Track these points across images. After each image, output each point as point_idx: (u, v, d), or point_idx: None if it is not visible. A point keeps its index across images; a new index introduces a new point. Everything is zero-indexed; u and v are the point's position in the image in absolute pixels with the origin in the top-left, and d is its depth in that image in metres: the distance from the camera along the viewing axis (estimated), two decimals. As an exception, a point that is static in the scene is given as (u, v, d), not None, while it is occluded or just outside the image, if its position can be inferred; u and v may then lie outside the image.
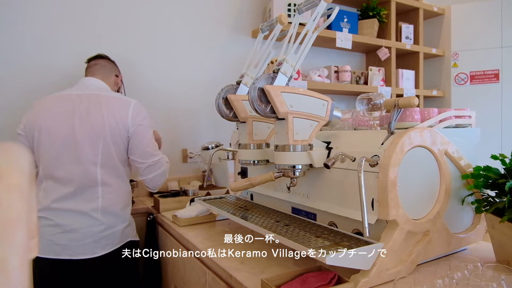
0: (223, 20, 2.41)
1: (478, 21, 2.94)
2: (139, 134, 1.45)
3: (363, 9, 2.77)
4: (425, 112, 0.97)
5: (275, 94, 0.91)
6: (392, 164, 0.84)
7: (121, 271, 1.44)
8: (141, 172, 1.50)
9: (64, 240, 1.35)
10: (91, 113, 1.40)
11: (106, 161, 1.40)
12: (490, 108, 2.88)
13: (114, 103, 1.44)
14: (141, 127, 1.46)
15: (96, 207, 1.38)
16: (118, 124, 1.41)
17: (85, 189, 1.38)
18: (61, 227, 1.35)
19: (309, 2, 1.05)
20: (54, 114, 1.41)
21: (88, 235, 1.36)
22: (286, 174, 1.00)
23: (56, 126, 1.39)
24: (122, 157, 1.45)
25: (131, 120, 1.43)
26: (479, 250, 1.07)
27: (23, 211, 0.25)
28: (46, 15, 1.92)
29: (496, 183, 0.93)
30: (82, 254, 1.36)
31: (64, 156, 1.38)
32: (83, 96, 1.44)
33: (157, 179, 1.52)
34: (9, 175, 0.25)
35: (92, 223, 1.37)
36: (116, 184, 1.43)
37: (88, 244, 1.36)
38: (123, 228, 1.44)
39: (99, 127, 1.38)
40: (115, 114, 1.41)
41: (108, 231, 1.39)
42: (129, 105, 1.45)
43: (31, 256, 0.29)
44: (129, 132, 1.44)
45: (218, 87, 1.25)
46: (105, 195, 1.40)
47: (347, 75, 2.63)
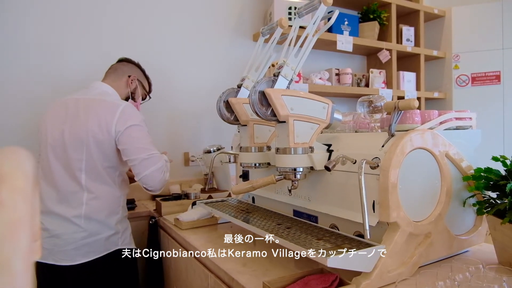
0: (225, 24, 2.43)
1: (479, 23, 2.95)
2: (129, 135, 1.38)
3: (363, 12, 2.78)
4: (425, 114, 0.97)
5: (275, 97, 0.92)
6: (392, 166, 0.84)
7: (107, 280, 1.40)
8: (136, 170, 1.40)
9: (49, 244, 1.34)
10: (79, 117, 1.39)
11: (91, 167, 1.37)
12: (492, 110, 2.87)
13: (103, 108, 1.40)
14: (130, 128, 1.38)
15: (79, 213, 1.35)
16: (101, 129, 1.36)
17: (70, 195, 1.36)
18: (48, 232, 1.35)
19: (309, 5, 1.06)
20: (51, 118, 1.43)
21: (70, 241, 1.34)
22: (287, 176, 1.00)
23: (50, 130, 1.41)
24: (109, 163, 1.40)
25: (117, 125, 1.37)
26: (481, 252, 1.07)
27: (27, 213, 0.26)
28: (58, 22, 1.94)
29: (497, 184, 0.93)
30: (64, 260, 1.34)
31: (54, 160, 1.38)
32: (79, 100, 1.43)
33: (155, 175, 1.41)
34: (13, 178, 0.26)
35: (75, 230, 1.34)
36: (101, 191, 1.39)
37: (70, 251, 1.34)
38: (109, 236, 1.39)
39: (83, 132, 1.36)
40: (100, 119, 1.37)
41: (90, 238, 1.35)
42: (117, 110, 1.39)
43: (34, 258, 0.30)
44: (116, 137, 1.38)
45: (219, 91, 1.26)
46: (89, 202, 1.37)
47: (348, 78, 2.63)
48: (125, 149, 1.39)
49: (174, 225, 1.49)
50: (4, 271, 0.22)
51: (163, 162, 1.45)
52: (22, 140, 1.87)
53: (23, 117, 1.88)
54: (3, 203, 0.24)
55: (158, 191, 1.48)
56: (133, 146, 1.38)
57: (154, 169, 1.41)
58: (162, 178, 1.44)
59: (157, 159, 1.42)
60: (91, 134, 1.36)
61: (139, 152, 1.39)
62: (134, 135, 1.39)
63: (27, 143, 1.86)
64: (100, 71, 1.67)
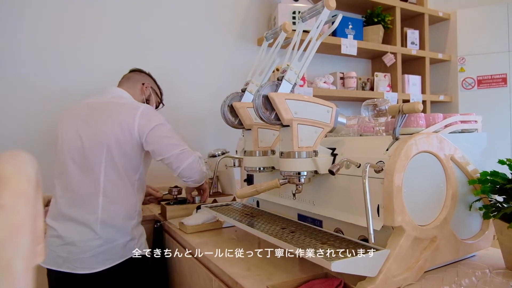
0: (229, 29, 2.44)
1: (484, 25, 2.93)
2: (156, 135, 1.40)
3: (367, 16, 2.78)
4: (430, 117, 0.97)
5: (279, 101, 0.92)
6: (397, 170, 0.83)
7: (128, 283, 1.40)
8: (174, 166, 1.42)
9: (64, 252, 1.33)
10: (98, 120, 1.39)
11: (110, 169, 1.36)
12: (499, 113, 2.85)
13: (122, 109, 1.41)
14: (156, 128, 1.40)
15: (95, 218, 1.33)
16: (123, 130, 1.36)
17: (87, 199, 1.35)
18: (62, 239, 1.34)
19: (313, 10, 1.06)
20: (68, 121, 1.45)
21: (86, 249, 1.32)
22: (291, 180, 1.00)
23: (67, 133, 1.42)
24: (130, 165, 1.40)
25: (139, 126, 1.38)
26: (488, 256, 1.06)
27: (28, 216, 0.26)
28: (64, 30, 1.96)
29: (503, 188, 0.92)
30: (81, 268, 1.32)
31: (71, 163, 1.38)
32: (96, 104, 1.46)
33: (194, 166, 1.45)
34: (16, 181, 0.26)
35: (90, 237, 1.33)
36: (118, 196, 1.38)
37: (87, 259, 1.32)
38: (126, 242, 1.39)
39: (103, 134, 1.36)
40: (120, 120, 1.38)
41: (107, 245, 1.34)
42: (137, 111, 1.40)
43: (37, 261, 0.30)
44: (142, 138, 1.39)
45: (224, 95, 1.26)
46: (106, 206, 1.35)
47: (352, 81, 2.63)
48: (156, 149, 1.41)
49: (178, 229, 1.49)
50: (5, 274, 0.23)
51: (196, 155, 1.49)
52: (33, 147, 1.89)
53: (32, 124, 1.91)
54: (5, 206, 0.25)
55: (199, 182, 1.54)
56: (164, 144, 1.42)
57: (190, 161, 1.45)
58: (200, 169, 1.50)
59: (191, 153, 1.47)
60: (112, 135, 1.36)
61: (172, 149, 1.42)
62: (162, 134, 1.42)
63: (38, 150, 1.88)
64: (108, 77, 1.69)
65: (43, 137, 1.90)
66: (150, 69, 1.76)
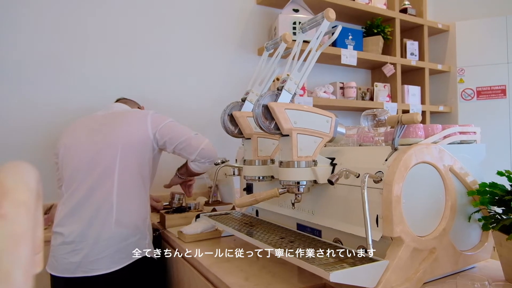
0: (230, 39, 2.46)
1: (483, 37, 2.96)
2: (169, 127, 1.48)
3: (367, 27, 2.80)
4: (429, 128, 0.97)
5: (279, 111, 0.92)
6: (396, 180, 0.83)
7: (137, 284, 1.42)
8: (192, 148, 1.47)
9: (77, 257, 1.33)
10: (111, 125, 1.46)
11: (123, 170, 1.40)
12: (498, 124, 2.86)
13: (132, 116, 1.51)
14: (167, 123, 1.49)
15: (110, 218, 1.35)
16: (138, 130, 1.44)
17: (100, 199, 1.36)
18: (72, 244, 1.33)
19: (313, 21, 1.07)
20: (77, 132, 1.49)
21: (101, 249, 1.33)
22: (290, 190, 1.00)
23: (78, 141, 1.46)
24: (141, 165, 1.45)
25: (152, 127, 1.46)
26: (487, 268, 1.05)
27: (29, 226, 0.26)
28: (65, 38, 1.98)
29: (502, 199, 0.92)
30: (96, 270, 1.32)
31: (83, 166, 1.40)
32: (107, 114, 1.54)
33: (210, 147, 1.51)
34: (16, 191, 0.26)
35: (106, 236, 1.34)
36: (132, 194, 1.42)
37: (101, 259, 1.33)
38: (137, 240, 1.41)
39: (118, 137, 1.42)
40: (134, 122, 1.47)
41: (122, 243, 1.36)
42: (147, 115, 1.50)
43: (36, 271, 0.30)
44: (155, 134, 1.46)
45: (224, 104, 1.27)
46: (120, 206, 1.38)
47: (352, 91, 2.65)
48: (172, 136, 1.47)
49: (177, 238, 1.49)
50: (5, 284, 0.23)
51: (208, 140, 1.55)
52: (33, 156, 1.89)
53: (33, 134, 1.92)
54: (6, 216, 0.25)
55: (212, 164, 1.59)
56: (179, 130, 1.49)
57: (207, 142, 1.52)
58: (215, 150, 1.54)
59: (204, 137, 1.53)
60: (126, 136, 1.42)
61: (188, 132, 1.50)
62: (175, 125, 1.51)
63: (38, 159, 1.89)
64: (109, 87, 1.70)
65: (43, 146, 1.90)
66: (150, 78, 1.78)
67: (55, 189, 1.58)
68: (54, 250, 1.37)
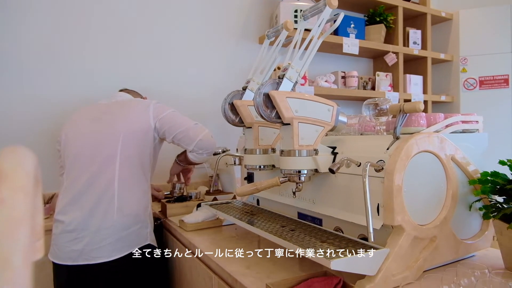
0: (231, 27, 2.44)
1: (486, 26, 2.93)
2: (169, 117, 1.49)
3: (370, 15, 2.77)
4: (431, 117, 0.97)
5: (280, 99, 0.92)
6: (397, 169, 0.83)
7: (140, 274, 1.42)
8: (190, 139, 1.48)
9: (79, 244, 1.33)
10: (113, 114, 1.47)
11: (124, 158, 1.40)
12: (500, 113, 2.85)
13: (135, 105, 1.52)
14: (168, 113, 1.50)
15: (112, 206, 1.36)
16: (139, 119, 1.45)
17: (103, 186, 1.37)
18: (75, 232, 1.34)
19: (314, 8, 1.06)
20: (80, 120, 1.51)
21: (103, 237, 1.34)
22: (291, 179, 1.00)
23: (81, 129, 1.47)
24: (142, 154, 1.45)
25: (153, 116, 1.47)
26: (487, 256, 1.05)
27: (27, 211, 0.26)
28: (65, 31, 1.96)
29: (504, 188, 0.92)
30: (98, 258, 1.33)
31: (85, 154, 1.40)
32: (109, 103, 1.55)
33: (209, 138, 1.51)
34: (14, 176, 0.26)
35: (108, 225, 1.35)
36: (133, 183, 1.42)
37: (103, 247, 1.34)
38: (139, 229, 1.41)
39: (119, 125, 1.43)
40: (135, 111, 1.48)
41: (123, 232, 1.37)
42: (149, 104, 1.51)
43: (36, 257, 0.30)
44: (155, 123, 1.47)
45: (225, 93, 1.26)
46: (121, 194, 1.38)
47: (354, 81, 2.63)
48: (172, 125, 1.48)
49: (179, 227, 1.50)
50: (4, 268, 0.23)
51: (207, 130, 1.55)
52: (35, 145, 1.89)
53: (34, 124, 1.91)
54: (4, 201, 0.25)
55: (210, 155, 1.59)
56: (179, 120, 1.50)
57: (206, 132, 1.52)
58: (213, 141, 1.54)
59: (203, 127, 1.53)
60: (128, 124, 1.43)
61: (187, 122, 1.50)
62: (176, 115, 1.52)
63: (39, 148, 1.89)
64: (110, 78, 1.68)
65: (45, 139, 1.90)
66: (152, 67, 1.76)
67: (56, 179, 1.59)
68: (55, 239, 1.38)
